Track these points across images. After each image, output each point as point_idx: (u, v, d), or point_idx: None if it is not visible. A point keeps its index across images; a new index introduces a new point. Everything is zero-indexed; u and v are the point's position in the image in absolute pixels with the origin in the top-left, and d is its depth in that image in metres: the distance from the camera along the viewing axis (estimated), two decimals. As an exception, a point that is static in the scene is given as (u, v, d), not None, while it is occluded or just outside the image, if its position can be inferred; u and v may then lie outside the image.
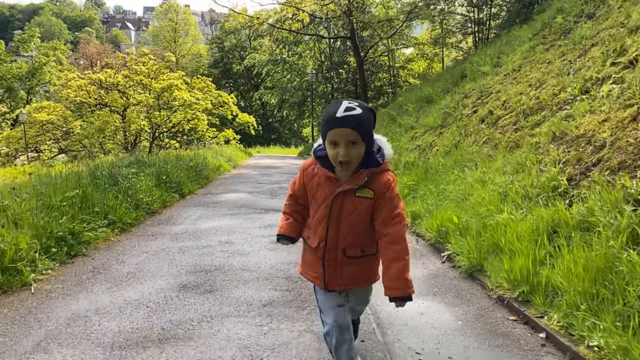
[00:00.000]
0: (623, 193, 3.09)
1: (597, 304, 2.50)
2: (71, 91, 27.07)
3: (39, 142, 29.39)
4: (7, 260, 3.38)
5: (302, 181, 1.95)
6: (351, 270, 1.91)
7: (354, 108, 1.73)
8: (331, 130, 1.74)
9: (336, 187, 1.84)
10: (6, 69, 41.74)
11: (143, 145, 28.50)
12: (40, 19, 79.81)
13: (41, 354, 2.36)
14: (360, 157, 1.77)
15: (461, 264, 3.79)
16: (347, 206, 1.83)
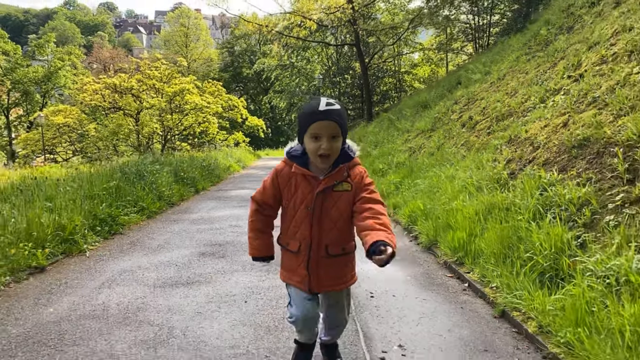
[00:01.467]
0: (538, 182, 4.07)
1: (502, 260, 3.49)
2: (87, 95, 28.18)
3: (55, 144, 30.72)
4: (67, 233, 4.45)
5: (277, 185, 1.94)
6: (333, 271, 1.95)
7: (334, 104, 1.81)
8: (314, 123, 1.79)
9: (314, 185, 1.87)
10: (23, 73, 43.28)
11: (155, 147, 29.65)
12: (54, 23, 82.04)
13: (105, 289, 3.41)
14: (338, 151, 1.85)
15: (422, 240, 4.80)
16: (327, 202, 1.88)
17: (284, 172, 1.94)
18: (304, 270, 1.93)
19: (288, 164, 1.93)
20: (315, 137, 1.80)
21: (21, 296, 3.25)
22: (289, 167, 1.92)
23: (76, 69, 48.52)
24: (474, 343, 2.62)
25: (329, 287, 1.98)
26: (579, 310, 2.49)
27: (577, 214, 3.45)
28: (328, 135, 1.79)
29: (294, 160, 1.90)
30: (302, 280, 1.94)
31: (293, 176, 1.91)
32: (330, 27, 21.93)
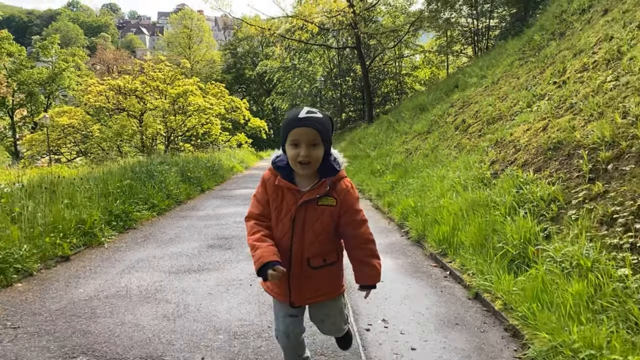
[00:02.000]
0: (515, 181, 4.50)
1: (479, 250, 3.93)
2: (91, 96, 28.58)
3: (59, 145, 31.21)
4: (87, 227, 4.91)
5: (266, 194, 1.92)
6: (315, 283, 1.93)
7: (315, 112, 1.81)
8: (293, 130, 1.79)
9: (298, 198, 1.85)
10: (28, 74, 43.82)
11: (158, 148, 30.09)
12: (58, 24, 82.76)
13: (126, 275, 3.86)
14: (319, 160, 1.82)
15: (412, 235, 5.23)
16: (309, 216, 1.86)
17: (270, 181, 1.91)
18: (285, 283, 1.90)
19: (274, 173, 1.91)
20: (295, 144, 1.79)
21: (53, 280, 3.71)
22: (274, 177, 1.90)
23: (80, 70, 49.08)
24: (447, 319, 3.06)
25: (311, 299, 1.95)
26: (535, 290, 2.92)
27: (546, 209, 3.88)
28: (307, 142, 1.77)
29: (278, 171, 1.88)
30: (282, 293, 1.92)
31: (280, 187, 1.88)
32: (331, 30, 22.37)
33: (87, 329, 2.78)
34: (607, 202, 3.38)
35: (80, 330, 2.76)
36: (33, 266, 3.84)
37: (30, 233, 4.16)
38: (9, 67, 42.95)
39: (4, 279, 3.51)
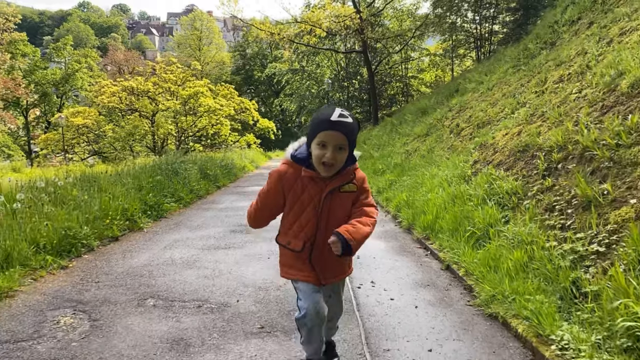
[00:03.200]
0: (488, 178, 5.43)
1: (453, 233, 4.86)
2: (105, 97, 29.68)
3: (73, 144, 32.38)
4: (129, 214, 5.90)
5: (281, 188, 2.00)
6: (336, 263, 2.08)
7: (347, 116, 1.89)
8: (323, 132, 1.87)
9: (322, 186, 1.97)
10: (42, 75, 45.13)
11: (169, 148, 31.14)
12: (69, 25, 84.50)
13: (168, 250, 4.84)
14: (342, 162, 1.94)
15: (403, 224, 6.18)
16: (335, 202, 1.99)
17: (288, 174, 1.99)
18: (310, 266, 2.05)
19: (293, 166, 2.00)
20: (322, 145, 1.88)
21: (111, 253, 4.70)
22: (293, 169, 1.99)
23: (92, 71, 50.41)
24: (422, 282, 4.00)
25: (333, 279, 2.13)
26: (487, 259, 3.85)
27: (508, 200, 4.81)
28: (334, 145, 1.87)
29: (300, 163, 1.97)
30: (310, 275, 2.06)
31: (299, 178, 1.97)
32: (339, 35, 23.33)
33: (149, 283, 3.76)
34: (552, 194, 4.30)
35: (144, 284, 3.74)
36: (93, 243, 4.84)
37: (88, 218, 5.16)
38: (23, 68, 44.26)
39: (75, 251, 4.50)
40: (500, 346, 2.79)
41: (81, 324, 2.94)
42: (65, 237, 4.49)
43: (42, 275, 3.89)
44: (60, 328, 2.88)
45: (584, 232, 3.49)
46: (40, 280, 3.78)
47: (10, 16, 27.76)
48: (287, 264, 2.15)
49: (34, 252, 4.06)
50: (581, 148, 4.38)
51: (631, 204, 3.33)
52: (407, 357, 2.61)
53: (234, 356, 2.55)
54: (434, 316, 3.24)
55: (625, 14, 7.47)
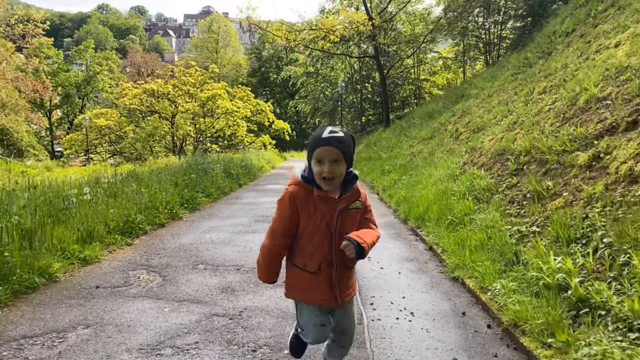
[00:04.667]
0: (471, 177, 6.55)
1: (437, 222, 6.00)
2: (127, 99, 31.13)
3: (96, 145, 33.99)
4: (170, 206, 7.15)
5: (295, 209, 2.08)
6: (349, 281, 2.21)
7: (337, 132, 2.05)
8: (317, 149, 2.03)
9: (333, 205, 2.09)
10: (65, 77, 46.99)
11: (187, 148, 32.49)
12: (88, 27, 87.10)
13: (206, 234, 6.07)
14: (342, 175, 2.06)
15: (401, 216, 7.32)
16: (345, 221, 2.11)
17: (300, 195, 2.08)
18: (328, 287, 2.11)
19: (304, 187, 2.09)
20: (319, 160, 2.02)
21: (161, 236, 5.95)
22: (305, 190, 2.08)
23: (112, 73, 52.31)
24: (408, 257, 5.16)
25: (348, 297, 2.21)
26: (458, 239, 4.99)
27: (483, 195, 5.93)
28: (330, 159, 2.00)
29: (312, 184, 2.07)
30: (325, 298, 2.12)
31: (311, 199, 2.07)
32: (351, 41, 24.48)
33: (197, 255, 4.98)
34: (514, 190, 5.42)
35: (193, 255, 4.97)
36: (146, 227, 6.10)
37: (140, 208, 6.42)
38: (47, 71, 46.14)
39: (135, 232, 5.76)
40: (455, 296, 3.95)
41: (155, 278, 4.17)
42: (126, 222, 5.75)
43: (114, 249, 5.14)
44: (142, 280, 4.12)
45: (529, 218, 4.62)
46: (114, 253, 5.04)
47: (39, 22, 29.38)
48: (299, 286, 2.18)
49: (106, 233, 5.32)
50: (540, 153, 5.49)
51: (563, 196, 4.45)
52: (386, 301, 3.78)
53: (266, 297, 3.74)
54: (412, 279, 4.40)
55: (605, 31, 8.48)
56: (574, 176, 4.61)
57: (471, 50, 25.66)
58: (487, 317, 3.50)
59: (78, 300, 3.57)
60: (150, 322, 3.18)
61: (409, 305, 3.71)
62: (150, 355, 2.71)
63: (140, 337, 2.94)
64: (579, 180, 4.46)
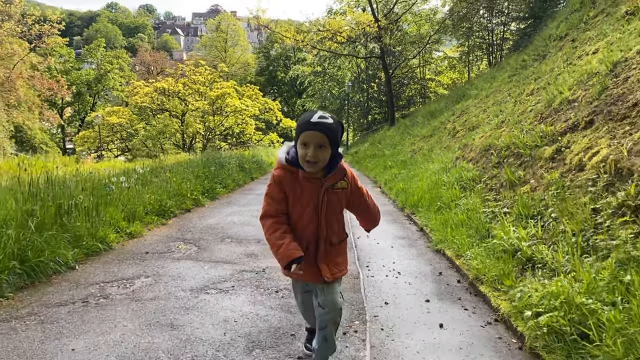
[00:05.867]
0: (460, 170, 7.48)
1: (428, 207, 6.93)
2: (138, 97, 32.11)
3: (108, 142, 35.09)
4: (193, 195, 8.14)
5: (283, 190, 2.17)
6: (336, 258, 2.31)
7: (327, 117, 2.10)
8: (304, 132, 2.09)
9: (319, 186, 2.18)
10: (77, 75, 48.21)
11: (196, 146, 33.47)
12: (98, 25, 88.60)
13: (228, 217, 7.06)
14: (325, 160, 2.13)
15: (398, 205, 8.27)
16: (331, 199, 2.22)
17: (285, 178, 2.16)
18: (314, 265, 2.21)
19: (289, 170, 2.16)
20: (304, 144, 2.08)
21: (190, 218, 6.94)
22: (290, 173, 2.16)
23: (123, 71, 53.55)
24: (401, 236, 6.11)
25: (338, 274, 2.28)
26: (443, 220, 5.93)
27: (469, 184, 6.86)
28: (315, 144, 2.06)
29: (297, 166, 2.14)
30: (313, 275, 2.21)
31: (297, 180, 2.15)
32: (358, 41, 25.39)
33: (223, 232, 5.97)
34: (495, 179, 6.35)
35: (220, 232, 5.95)
36: (176, 211, 7.09)
37: (169, 194, 7.41)
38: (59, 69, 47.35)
39: (167, 215, 6.76)
40: (436, 262, 4.90)
41: (192, 247, 5.16)
42: (160, 206, 6.75)
43: (152, 228, 6.14)
44: (181, 249, 5.11)
45: (502, 202, 5.55)
46: (153, 230, 6.03)
47: (54, 23, 30.55)
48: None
49: (144, 214, 6.32)
50: (517, 148, 6.41)
51: (530, 183, 5.38)
52: (379, 265, 4.74)
53: (283, 260, 4.72)
54: (402, 251, 5.36)
55: (589, 38, 9.36)
56: (540, 167, 5.53)
57: (475, 51, 26.48)
58: (458, 275, 4.45)
59: (134, 261, 4.56)
60: (195, 274, 4.16)
61: (397, 267, 4.66)
62: (200, 293, 3.69)
63: (190, 283, 3.92)
64: (543, 170, 5.39)
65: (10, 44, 28.40)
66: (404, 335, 3.08)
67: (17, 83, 28.37)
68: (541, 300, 3.02)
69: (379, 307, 3.59)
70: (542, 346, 2.74)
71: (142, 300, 3.49)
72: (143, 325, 3.04)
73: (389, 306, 3.62)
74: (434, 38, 27.51)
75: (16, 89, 28.28)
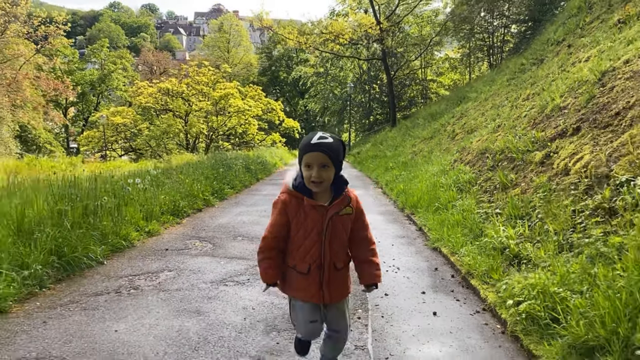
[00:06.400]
0: (457, 172, 7.91)
1: (427, 208, 7.37)
2: (142, 97, 32.50)
3: (112, 142, 35.54)
4: (204, 196, 8.58)
5: (286, 216, 2.26)
6: (340, 282, 2.37)
7: (326, 137, 2.18)
8: (306, 154, 2.18)
9: (324, 213, 2.24)
10: (81, 75, 48.69)
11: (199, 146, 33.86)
12: (100, 25, 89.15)
13: (238, 216, 7.50)
14: (330, 179, 2.21)
15: (399, 205, 8.70)
16: (336, 226, 2.27)
17: (292, 203, 2.25)
18: (316, 288, 2.29)
19: (294, 195, 2.25)
20: (308, 165, 2.18)
21: (203, 217, 7.38)
22: (295, 199, 2.25)
23: (126, 71, 54.05)
24: (400, 235, 6.54)
25: (339, 298, 2.37)
26: (440, 220, 6.36)
27: (465, 186, 7.29)
28: (318, 164, 2.16)
29: (303, 193, 2.23)
30: (314, 296, 2.30)
31: (301, 207, 2.23)
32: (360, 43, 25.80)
33: (235, 230, 6.41)
34: (489, 182, 6.78)
35: (232, 231, 6.39)
36: (188, 211, 7.54)
37: (182, 195, 7.85)
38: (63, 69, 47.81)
39: (181, 215, 7.21)
40: (432, 259, 5.33)
41: (207, 245, 5.60)
42: (174, 206, 7.20)
43: (168, 227, 6.58)
44: (197, 246, 5.55)
45: (495, 203, 5.99)
46: (169, 229, 6.48)
47: (60, 24, 31.02)
48: (293, 285, 2.34)
49: (160, 214, 6.76)
50: (511, 152, 6.84)
51: (521, 186, 5.81)
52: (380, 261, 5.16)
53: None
54: (401, 249, 5.79)
55: (583, 45, 9.76)
56: (531, 170, 5.96)
57: (476, 53, 26.86)
58: (453, 270, 4.88)
59: (156, 257, 5.01)
60: (213, 268, 4.61)
61: (396, 264, 5.10)
62: (220, 285, 4.13)
63: (209, 276, 4.36)
64: (533, 173, 5.82)
65: (17, 45, 28.87)
66: (402, 321, 3.52)
67: (23, 84, 28.86)
68: (522, 291, 3.45)
69: (379, 297, 4.02)
70: (520, 330, 3.17)
71: (168, 290, 3.93)
72: (173, 311, 3.48)
73: (389, 297, 4.05)
74: (436, 40, 27.90)
75: (23, 90, 28.76)
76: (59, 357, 2.74)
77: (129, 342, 2.95)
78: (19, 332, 3.06)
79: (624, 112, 5.18)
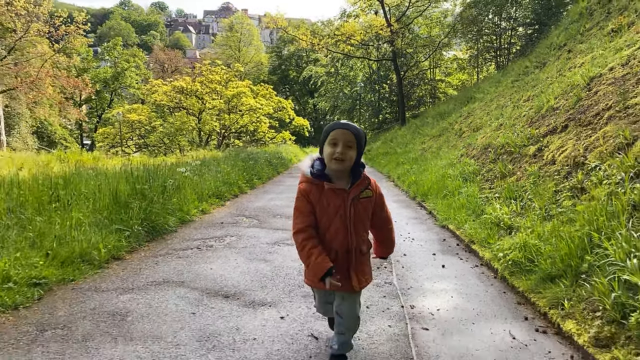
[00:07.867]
0: (463, 165, 9.06)
1: (436, 195, 8.53)
2: (157, 95, 33.62)
3: (127, 139, 36.85)
4: (238, 184, 9.78)
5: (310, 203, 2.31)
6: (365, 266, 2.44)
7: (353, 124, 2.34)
8: (333, 131, 2.27)
9: (345, 197, 2.29)
10: (95, 73, 50.10)
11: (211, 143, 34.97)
12: (111, 22, 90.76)
13: (271, 201, 8.71)
14: (352, 160, 2.27)
15: (410, 194, 9.87)
16: (358, 209, 2.33)
17: (312, 190, 2.32)
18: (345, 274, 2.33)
19: (314, 182, 2.32)
20: (334, 143, 2.25)
21: (241, 201, 8.58)
22: (316, 186, 2.31)
23: (139, 69, 55.52)
24: (413, 217, 7.71)
25: (365, 282, 2.43)
26: (448, 204, 7.51)
27: (470, 176, 8.44)
28: (344, 141, 2.23)
29: (322, 179, 2.30)
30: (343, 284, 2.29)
31: (322, 193, 2.29)
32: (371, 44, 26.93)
33: (272, 211, 7.61)
34: (491, 172, 7.92)
35: (270, 211, 7.59)
36: (228, 196, 8.75)
37: (221, 182, 9.06)
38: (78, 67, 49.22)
39: (223, 198, 8.41)
40: (441, 233, 6.50)
41: (253, 220, 6.80)
42: (217, 191, 8.41)
43: (215, 207, 7.79)
44: (245, 221, 6.75)
45: (495, 189, 7.14)
46: (216, 209, 7.69)
47: (80, 24, 32.39)
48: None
49: (207, 197, 7.97)
50: (510, 147, 7.98)
51: (516, 174, 6.96)
52: (397, 234, 6.35)
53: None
54: (415, 226, 6.96)
55: (581, 50, 10.85)
56: (525, 162, 7.11)
57: (484, 54, 27.90)
58: (458, 241, 6.05)
59: (216, 228, 6.21)
60: (265, 235, 5.81)
61: (411, 236, 6.27)
62: (274, 246, 5.32)
63: (264, 239, 5.56)
64: (527, 164, 6.96)
65: (40, 44, 30.26)
66: (418, 270, 4.69)
67: (45, 81, 30.23)
68: (510, 247, 4.62)
69: (400, 256, 5.20)
70: (508, 273, 4.33)
71: (236, 248, 5.13)
72: (246, 259, 4.68)
73: (407, 256, 5.23)
74: (445, 41, 28.97)
75: (45, 87, 30.14)
76: (178, 281, 3.94)
77: (223, 275, 4.14)
78: (142, 269, 4.27)
79: (602, 112, 6.32)
